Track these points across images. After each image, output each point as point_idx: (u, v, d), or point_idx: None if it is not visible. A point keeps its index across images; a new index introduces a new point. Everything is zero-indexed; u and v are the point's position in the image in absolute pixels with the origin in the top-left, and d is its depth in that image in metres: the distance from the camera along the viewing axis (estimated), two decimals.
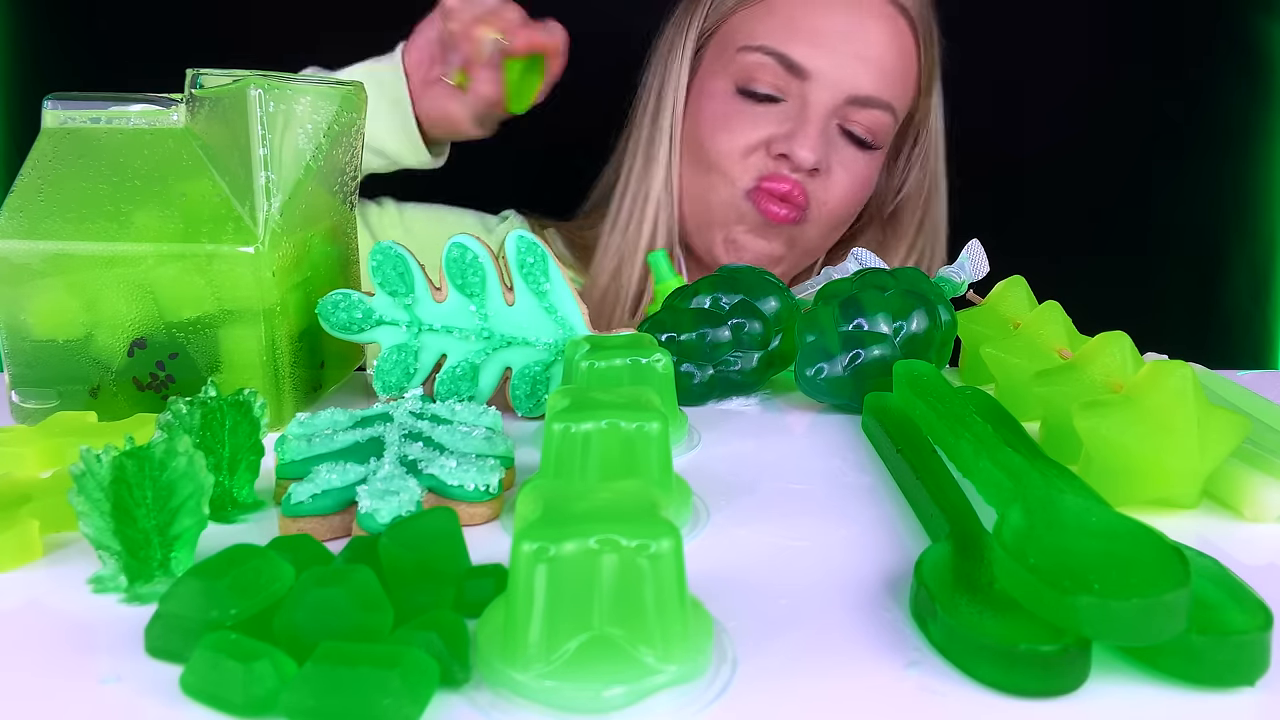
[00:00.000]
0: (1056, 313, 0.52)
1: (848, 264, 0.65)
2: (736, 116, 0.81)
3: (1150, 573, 0.27)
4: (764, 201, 0.80)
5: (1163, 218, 1.13)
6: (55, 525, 0.37)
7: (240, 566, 0.29)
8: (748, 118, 0.80)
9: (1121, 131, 1.10)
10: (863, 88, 0.79)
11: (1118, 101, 1.10)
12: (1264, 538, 0.38)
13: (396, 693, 0.25)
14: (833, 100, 0.79)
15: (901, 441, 0.43)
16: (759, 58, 0.79)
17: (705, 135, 0.82)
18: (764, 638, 0.30)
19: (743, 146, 0.80)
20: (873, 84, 0.79)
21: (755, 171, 0.80)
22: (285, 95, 0.49)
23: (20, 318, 0.49)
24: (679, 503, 0.38)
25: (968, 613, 0.29)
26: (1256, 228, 1.11)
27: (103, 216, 0.48)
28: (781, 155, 0.79)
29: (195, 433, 0.38)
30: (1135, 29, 1.10)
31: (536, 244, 0.50)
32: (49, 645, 0.30)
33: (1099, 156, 1.10)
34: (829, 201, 0.82)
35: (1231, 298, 1.13)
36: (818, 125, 0.79)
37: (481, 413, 0.45)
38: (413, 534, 0.31)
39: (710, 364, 0.53)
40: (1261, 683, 0.27)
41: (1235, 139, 1.10)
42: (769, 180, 0.79)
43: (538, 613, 0.26)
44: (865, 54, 0.79)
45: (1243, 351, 1.12)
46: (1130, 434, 0.38)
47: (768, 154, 0.80)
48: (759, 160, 0.80)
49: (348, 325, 0.51)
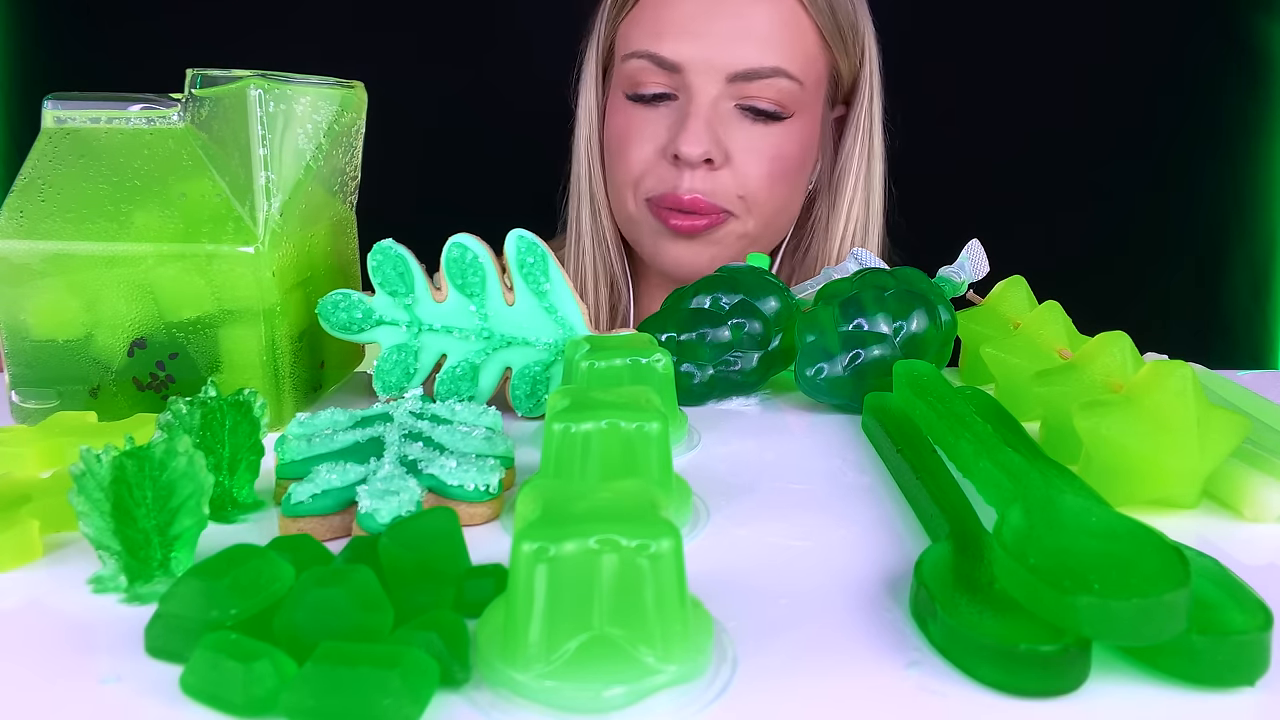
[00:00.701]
0: (1056, 313, 0.52)
1: (848, 264, 0.65)
2: (632, 125, 0.80)
3: (1150, 573, 0.27)
4: (667, 216, 0.79)
5: (1162, 217, 1.13)
6: (55, 525, 0.37)
7: (240, 566, 0.29)
8: (640, 123, 0.80)
9: (1121, 131, 1.10)
10: (743, 61, 0.77)
11: (1117, 101, 1.10)
12: (1264, 538, 0.38)
13: (396, 693, 0.25)
14: (714, 84, 0.77)
15: (901, 441, 0.43)
16: (636, 63, 0.79)
17: (614, 152, 0.83)
18: (764, 638, 0.30)
19: (640, 159, 0.80)
20: (755, 55, 0.77)
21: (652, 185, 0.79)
22: (285, 95, 0.49)
23: (20, 318, 0.49)
24: (679, 503, 0.38)
25: (968, 613, 0.29)
26: (1256, 228, 1.11)
27: (103, 216, 0.48)
28: (675, 156, 0.78)
29: (195, 433, 0.38)
30: (1135, 29, 1.10)
31: (537, 244, 0.50)
32: (49, 645, 0.30)
33: (1099, 156, 1.10)
34: (747, 187, 0.79)
35: (1231, 298, 1.13)
36: (701, 116, 0.77)
37: (481, 413, 0.45)
38: (413, 534, 0.31)
39: (710, 364, 0.53)
40: (1261, 683, 0.27)
41: (1235, 139, 1.10)
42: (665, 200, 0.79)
43: (538, 613, 0.26)
44: (737, 28, 0.77)
45: (1243, 351, 1.12)
46: (1130, 434, 0.38)
47: (665, 160, 0.79)
48: (658, 172, 0.79)
49: (348, 325, 0.51)
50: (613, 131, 0.83)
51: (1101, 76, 1.10)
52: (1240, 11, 1.08)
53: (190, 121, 0.48)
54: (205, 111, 0.48)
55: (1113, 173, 1.11)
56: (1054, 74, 1.08)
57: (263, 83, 0.47)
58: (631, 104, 0.80)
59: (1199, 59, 1.09)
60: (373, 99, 0.58)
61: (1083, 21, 1.10)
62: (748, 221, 0.81)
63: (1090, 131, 1.10)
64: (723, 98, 0.78)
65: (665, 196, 0.79)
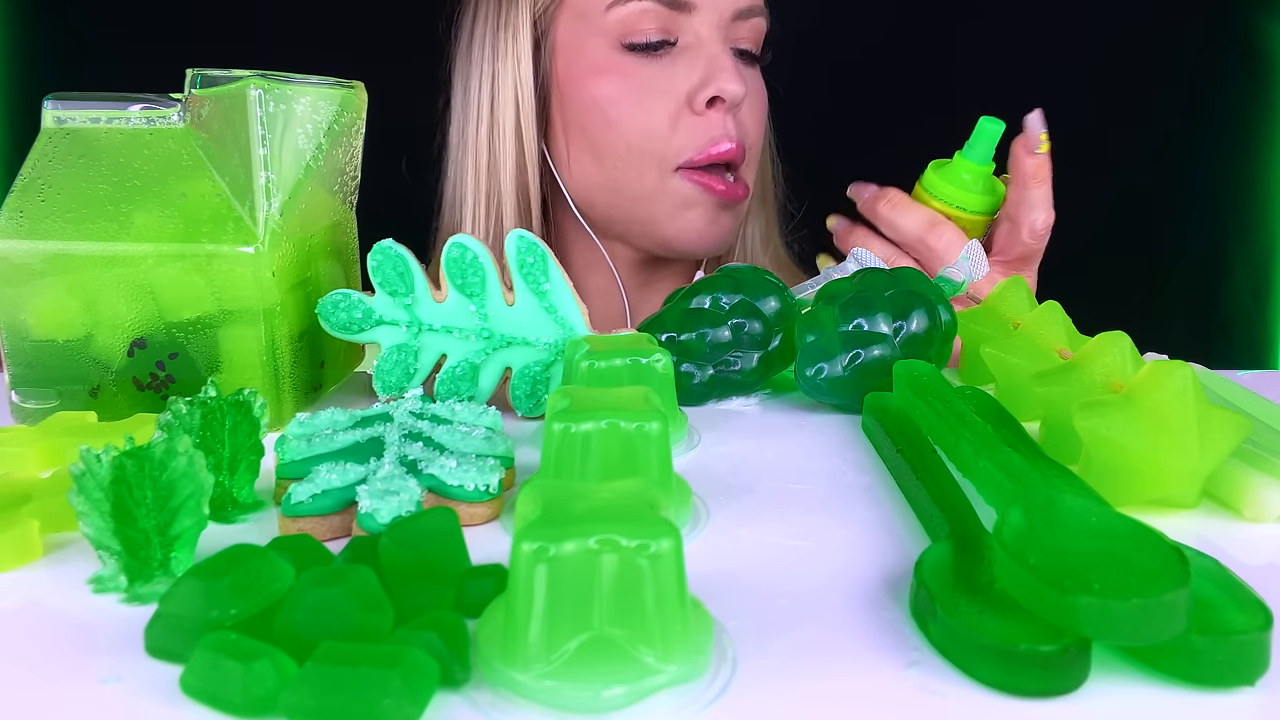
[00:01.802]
0: (1056, 313, 0.52)
1: (848, 264, 0.65)
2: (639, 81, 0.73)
3: (1150, 573, 0.27)
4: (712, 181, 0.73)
5: (1163, 217, 1.13)
6: (55, 525, 0.37)
7: (240, 566, 0.29)
8: (649, 78, 0.73)
9: (1121, 131, 1.10)
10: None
11: (1117, 101, 1.10)
12: (1264, 538, 0.38)
13: (396, 693, 0.25)
14: (722, 22, 0.73)
15: (901, 441, 0.43)
16: (637, 5, 0.72)
17: (613, 120, 0.73)
18: (764, 638, 0.30)
19: (663, 119, 0.72)
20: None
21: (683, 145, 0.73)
22: (285, 95, 0.49)
23: (20, 318, 0.49)
24: (679, 503, 0.38)
25: (968, 613, 0.29)
26: (1256, 228, 1.11)
27: (103, 216, 0.48)
28: (712, 101, 0.72)
29: (195, 433, 0.38)
30: (1134, 29, 1.10)
31: (536, 244, 0.50)
32: (49, 645, 0.30)
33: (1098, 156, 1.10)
34: (750, 137, 0.75)
35: (1231, 298, 1.13)
36: (727, 53, 0.72)
37: (481, 413, 0.45)
38: (413, 534, 0.31)
39: (710, 364, 0.53)
40: (1261, 683, 0.27)
41: (1235, 139, 1.10)
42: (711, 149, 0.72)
43: (538, 613, 0.26)
44: None
45: (1243, 351, 1.12)
46: (1130, 434, 0.38)
47: (693, 112, 0.72)
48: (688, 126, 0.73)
49: (348, 325, 0.51)
50: (612, 92, 0.73)
51: (1101, 76, 1.10)
52: (1240, 11, 1.08)
53: (190, 121, 0.48)
54: (205, 111, 0.48)
55: (1112, 173, 1.11)
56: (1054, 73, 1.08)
57: (262, 83, 0.47)
58: (630, 58, 0.73)
59: (1199, 59, 1.09)
60: (373, 98, 0.58)
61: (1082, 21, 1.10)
62: (746, 174, 0.76)
63: (1089, 131, 1.10)
64: (724, 39, 0.74)
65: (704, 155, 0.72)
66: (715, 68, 0.72)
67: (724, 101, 0.72)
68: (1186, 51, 1.10)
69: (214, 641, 0.27)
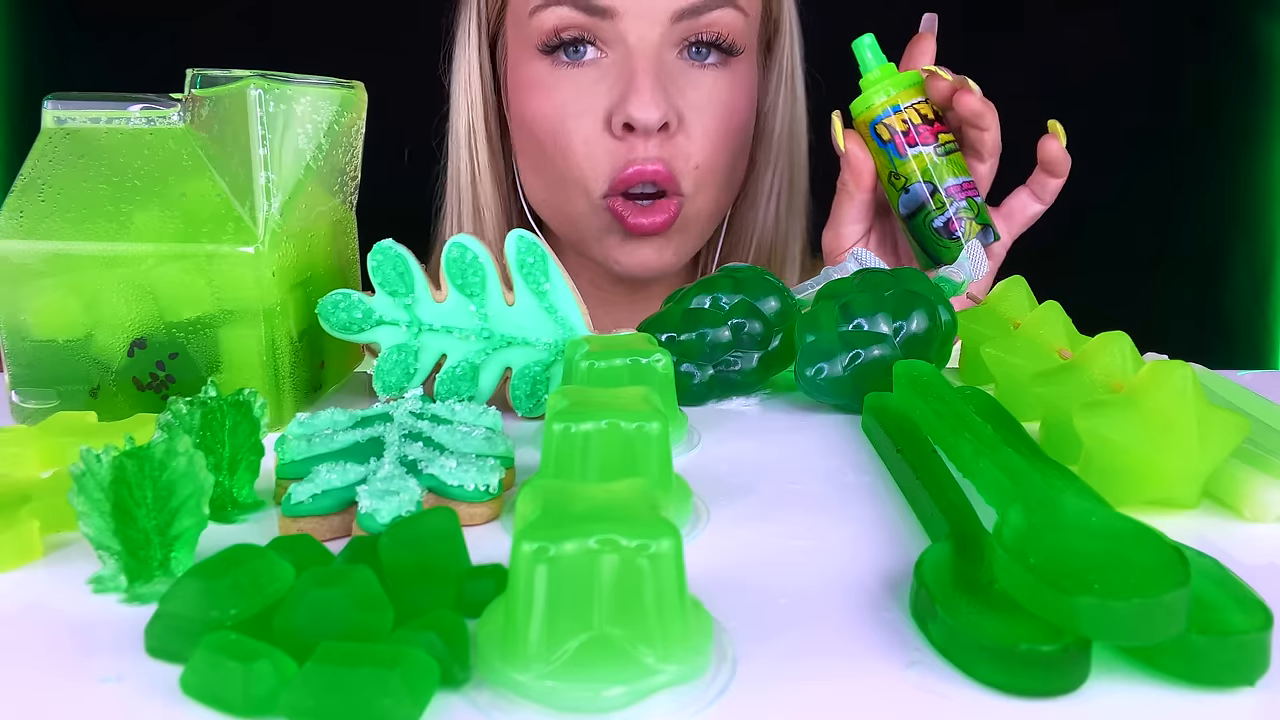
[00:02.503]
0: (1056, 313, 0.52)
1: (848, 264, 0.65)
2: (561, 95, 0.68)
3: (1150, 573, 0.27)
4: (625, 212, 0.68)
5: (1163, 218, 1.13)
6: (55, 525, 0.37)
7: (240, 566, 0.29)
8: (571, 91, 0.67)
9: (1121, 131, 1.10)
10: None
11: (1117, 101, 1.10)
12: (1264, 538, 0.38)
13: (396, 693, 0.25)
14: (656, 29, 0.66)
15: (901, 441, 0.43)
16: (552, 11, 0.66)
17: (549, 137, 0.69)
18: (764, 638, 0.30)
19: (583, 141, 0.68)
20: None
21: (607, 168, 0.68)
22: (285, 95, 0.49)
23: (20, 318, 0.49)
24: (679, 503, 0.38)
25: (968, 613, 0.29)
26: (1256, 228, 1.11)
27: (103, 216, 0.48)
28: (626, 126, 0.66)
29: (195, 433, 0.38)
30: (1134, 29, 1.10)
31: (536, 244, 0.50)
32: (49, 645, 0.30)
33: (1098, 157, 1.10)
34: (696, 154, 0.68)
35: (1232, 298, 1.13)
36: (649, 71, 0.65)
37: (481, 413, 0.45)
38: (413, 534, 0.31)
39: (710, 364, 0.53)
40: (1261, 683, 0.27)
41: (1235, 139, 1.10)
42: (625, 177, 0.67)
43: (538, 613, 0.26)
44: None
45: (1243, 351, 1.12)
46: (1130, 434, 0.38)
47: (611, 133, 0.67)
48: (606, 148, 0.68)
49: (348, 325, 0.51)
50: (536, 111, 0.69)
51: (1101, 76, 1.10)
52: (1241, 12, 1.08)
53: (190, 121, 0.48)
54: (205, 111, 0.48)
55: (1112, 173, 1.11)
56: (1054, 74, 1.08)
57: (263, 83, 0.47)
58: (550, 65, 0.68)
59: (1199, 59, 1.09)
60: (372, 98, 0.58)
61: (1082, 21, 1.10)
62: (697, 199, 0.70)
63: (1089, 131, 1.10)
64: (666, 45, 0.67)
65: (621, 179, 0.67)
66: (629, 89, 0.66)
67: (632, 128, 0.67)
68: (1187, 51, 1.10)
69: (214, 641, 0.27)
